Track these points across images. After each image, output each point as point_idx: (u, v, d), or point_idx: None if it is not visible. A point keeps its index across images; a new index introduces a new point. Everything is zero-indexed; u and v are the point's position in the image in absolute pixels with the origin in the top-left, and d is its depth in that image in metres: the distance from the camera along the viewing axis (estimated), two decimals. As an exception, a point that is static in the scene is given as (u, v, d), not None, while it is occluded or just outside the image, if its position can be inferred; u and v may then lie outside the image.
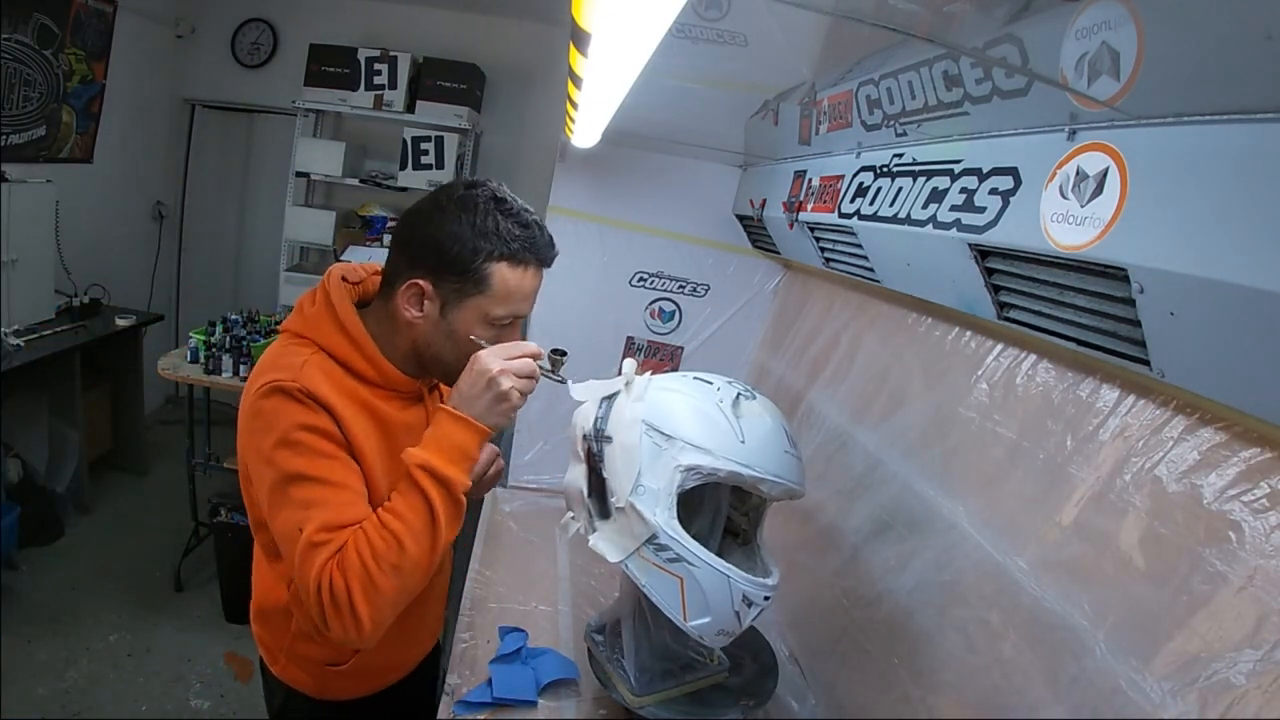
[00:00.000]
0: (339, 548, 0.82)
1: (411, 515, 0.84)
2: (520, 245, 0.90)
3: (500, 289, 0.90)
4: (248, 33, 3.79)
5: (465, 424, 0.87)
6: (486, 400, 0.87)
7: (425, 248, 0.90)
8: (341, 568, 0.81)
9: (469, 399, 0.88)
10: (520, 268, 0.91)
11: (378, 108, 3.39)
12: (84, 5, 3.00)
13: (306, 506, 0.84)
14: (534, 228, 0.92)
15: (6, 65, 2.69)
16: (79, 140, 3.21)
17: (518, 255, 0.90)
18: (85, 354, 2.89)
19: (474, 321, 0.92)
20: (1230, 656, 0.64)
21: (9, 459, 2.73)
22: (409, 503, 0.85)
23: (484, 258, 0.88)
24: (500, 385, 0.87)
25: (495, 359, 0.88)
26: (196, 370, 2.61)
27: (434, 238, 0.89)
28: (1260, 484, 0.67)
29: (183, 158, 3.94)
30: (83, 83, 3.12)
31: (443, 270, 0.89)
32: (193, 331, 2.76)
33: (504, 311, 0.92)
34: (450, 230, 0.88)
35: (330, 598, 0.81)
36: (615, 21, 0.56)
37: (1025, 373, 1.03)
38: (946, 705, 0.99)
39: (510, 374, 0.87)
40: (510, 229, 0.89)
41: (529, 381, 0.90)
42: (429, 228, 0.90)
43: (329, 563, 0.81)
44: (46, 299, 2.86)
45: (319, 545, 0.82)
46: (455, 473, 0.86)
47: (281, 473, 0.85)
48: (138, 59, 3.43)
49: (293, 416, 0.85)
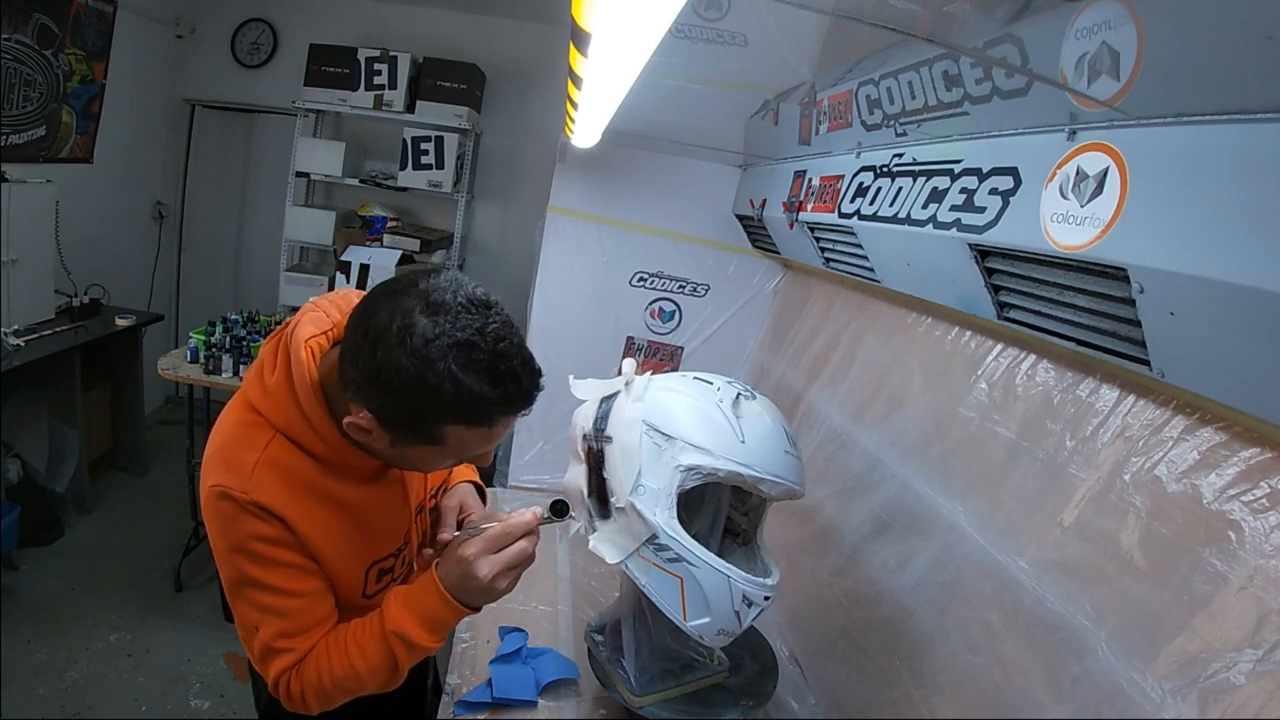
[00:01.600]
0: (298, 659, 0.85)
1: (376, 661, 0.85)
2: (484, 408, 0.74)
3: (456, 445, 0.78)
4: (248, 33, 3.79)
5: (450, 605, 0.85)
6: (474, 594, 0.85)
7: (370, 383, 0.73)
8: (300, 678, 0.85)
9: (458, 589, 0.84)
10: (485, 427, 0.77)
11: (378, 108, 3.38)
12: (84, 5, 3.00)
13: (263, 611, 0.84)
14: (506, 381, 0.73)
15: (6, 65, 2.68)
16: (79, 140, 3.21)
17: (479, 418, 0.75)
18: (85, 354, 2.88)
19: (431, 459, 0.83)
20: (1230, 656, 0.64)
21: (9, 459, 2.72)
22: (376, 650, 0.85)
23: (434, 420, 0.74)
24: (495, 590, 0.84)
25: (485, 562, 0.82)
26: (196, 370, 2.61)
27: (378, 379, 0.72)
28: (1260, 484, 0.67)
29: (183, 158, 3.93)
30: (83, 83, 3.12)
31: (387, 417, 0.75)
32: (193, 331, 2.76)
33: (466, 456, 0.84)
34: (396, 379, 0.71)
35: (286, 694, 0.86)
36: (615, 21, 0.56)
37: (1025, 373, 1.03)
38: (947, 705, 0.99)
39: (503, 573, 0.83)
40: (471, 388, 0.71)
41: (523, 567, 0.86)
42: (374, 361, 0.72)
43: (288, 672, 0.85)
44: (46, 299, 2.86)
45: (278, 652, 0.85)
46: (429, 641, 0.86)
47: (238, 574, 0.83)
48: (138, 59, 3.42)
49: (244, 527, 0.80)
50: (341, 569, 0.89)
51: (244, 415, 0.84)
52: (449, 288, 0.73)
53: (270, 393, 0.82)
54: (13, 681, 2.13)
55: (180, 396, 3.33)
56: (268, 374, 0.83)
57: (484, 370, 0.72)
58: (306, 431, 0.82)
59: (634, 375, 1.05)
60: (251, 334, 2.78)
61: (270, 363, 0.84)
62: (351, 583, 0.91)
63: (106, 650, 2.35)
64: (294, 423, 0.82)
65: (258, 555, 0.81)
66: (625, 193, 1.98)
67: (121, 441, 3.37)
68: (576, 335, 2.02)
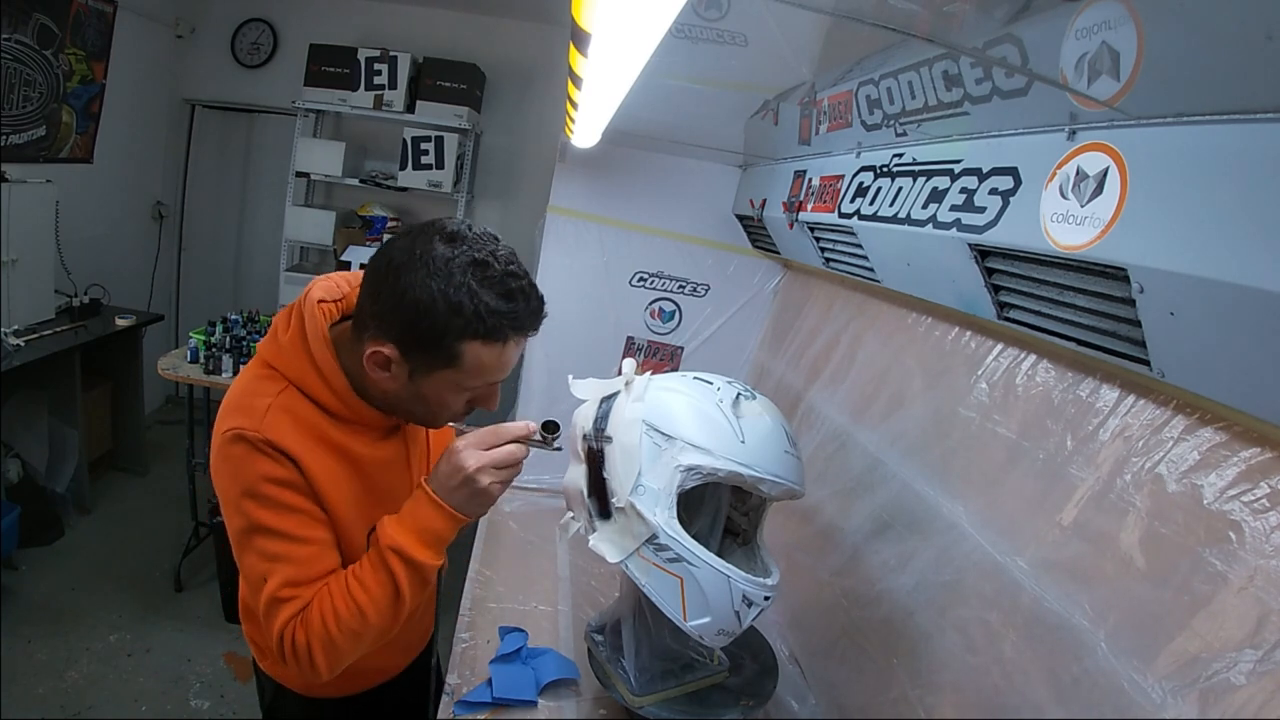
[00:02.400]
0: (303, 606, 0.85)
1: (377, 589, 0.85)
2: (499, 321, 0.80)
3: (473, 365, 0.83)
4: (248, 33, 3.79)
5: (442, 511, 0.85)
6: (463, 495, 0.85)
7: (392, 311, 0.81)
8: (305, 626, 0.84)
9: (447, 489, 0.85)
10: (498, 344, 0.82)
11: (378, 108, 3.39)
12: (84, 5, 3.00)
13: (271, 559, 0.85)
14: (518, 297, 0.81)
15: (6, 65, 2.69)
16: (79, 140, 3.21)
17: (496, 334, 0.81)
18: (85, 354, 2.89)
19: (445, 389, 0.86)
20: (1231, 656, 0.64)
21: (9, 459, 2.73)
22: (376, 578, 0.85)
23: (455, 335, 0.80)
24: (478, 483, 0.83)
25: (472, 454, 0.83)
26: (196, 370, 2.61)
27: (402, 303, 0.79)
28: (1260, 484, 0.67)
29: (183, 158, 3.94)
30: (83, 83, 3.12)
31: (410, 341, 0.81)
32: (193, 331, 2.76)
33: (478, 383, 0.87)
34: (419, 299, 0.78)
35: (292, 650, 0.84)
36: (615, 21, 0.56)
37: (1025, 373, 1.03)
38: (947, 705, 0.99)
39: (489, 469, 0.84)
40: (488, 303, 0.79)
41: (510, 471, 0.86)
42: (398, 287, 0.79)
43: (293, 620, 0.84)
44: (46, 299, 2.86)
45: (284, 601, 0.84)
46: (426, 556, 0.85)
47: (247, 522, 0.84)
48: (138, 59, 3.42)
49: (256, 468, 0.82)
50: (347, 524, 0.91)
51: (258, 370, 0.90)
52: (462, 223, 0.83)
53: (284, 348, 0.88)
54: (13, 681, 2.13)
55: (180, 396, 3.33)
56: (281, 333, 0.89)
57: (497, 286, 0.80)
58: (318, 383, 0.87)
59: (634, 375, 1.05)
60: (251, 334, 2.78)
61: (284, 324, 0.90)
62: (356, 542, 0.92)
63: (106, 650, 2.35)
64: (307, 375, 0.87)
65: (269, 499, 0.83)
66: (625, 193, 1.98)
67: (121, 441, 3.37)
68: (576, 335, 2.01)
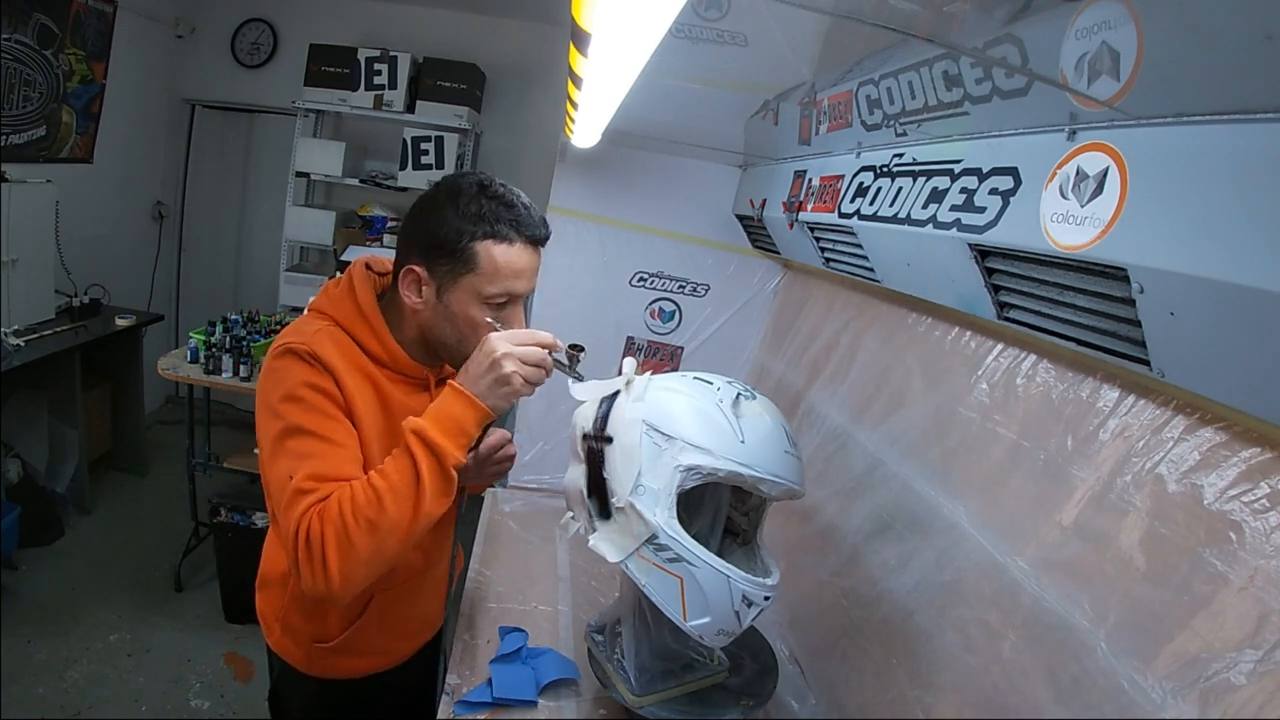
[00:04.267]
0: (324, 497, 0.86)
1: (397, 476, 0.86)
2: (504, 223, 0.93)
3: (488, 266, 0.93)
4: (248, 33, 3.79)
5: (466, 400, 0.89)
6: (489, 380, 0.89)
7: (418, 235, 0.96)
8: (321, 515, 0.84)
9: (474, 377, 0.90)
10: (506, 244, 0.94)
11: (378, 108, 3.39)
12: (84, 5, 3.00)
13: (301, 457, 0.88)
14: (519, 207, 0.95)
15: (6, 65, 2.69)
16: (79, 140, 3.21)
17: (501, 232, 0.93)
18: (85, 354, 2.89)
19: (469, 301, 0.95)
20: (1231, 656, 0.64)
21: (9, 459, 2.73)
22: (397, 464, 0.87)
23: (469, 238, 0.93)
24: (503, 368, 0.88)
25: (503, 342, 0.89)
26: (196, 370, 2.61)
27: (425, 225, 0.95)
28: (1260, 484, 0.67)
29: (183, 158, 3.94)
30: (83, 83, 3.12)
31: (433, 253, 0.94)
32: (193, 331, 2.76)
33: (496, 289, 0.95)
34: (439, 217, 0.94)
35: (305, 543, 0.83)
36: (615, 21, 0.56)
37: (1025, 373, 1.03)
38: (947, 705, 0.99)
39: (515, 359, 0.89)
40: (494, 209, 0.93)
41: (537, 370, 0.91)
42: (421, 217, 0.96)
43: (311, 509, 0.85)
44: (46, 299, 2.86)
45: (305, 492, 0.85)
46: (448, 444, 0.87)
47: (283, 424, 0.89)
48: (138, 59, 3.42)
49: (299, 375, 0.91)
50: (370, 454, 0.96)
51: (308, 316, 1.02)
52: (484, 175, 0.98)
53: (333, 297, 1.01)
54: (13, 681, 2.13)
55: (180, 396, 3.33)
56: (331, 289, 1.03)
57: (501, 199, 0.94)
58: (364, 328, 0.99)
59: (634, 375, 1.05)
60: (251, 334, 2.78)
61: (334, 283, 1.04)
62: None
63: (106, 650, 2.35)
64: (353, 319, 0.99)
65: (307, 402, 0.90)
66: (625, 193, 1.98)
67: (121, 441, 3.37)
68: (576, 335, 2.00)
